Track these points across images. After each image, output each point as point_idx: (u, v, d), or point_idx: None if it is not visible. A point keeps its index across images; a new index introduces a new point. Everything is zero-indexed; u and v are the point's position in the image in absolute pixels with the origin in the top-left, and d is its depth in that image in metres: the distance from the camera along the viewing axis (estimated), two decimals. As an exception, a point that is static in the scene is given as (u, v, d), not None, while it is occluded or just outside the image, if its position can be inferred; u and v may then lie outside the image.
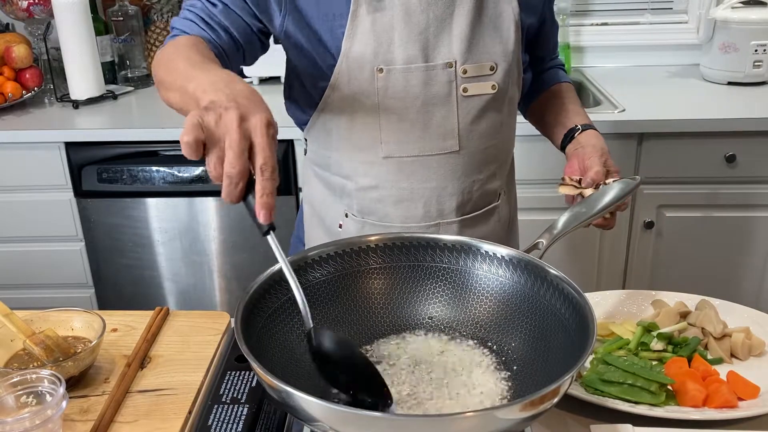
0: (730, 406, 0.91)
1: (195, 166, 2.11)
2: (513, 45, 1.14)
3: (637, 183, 1.10)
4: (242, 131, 0.73)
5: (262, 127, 0.74)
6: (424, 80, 1.11)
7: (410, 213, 1.19)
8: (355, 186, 1.19)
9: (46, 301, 1.97)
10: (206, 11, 1.09)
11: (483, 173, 1.20)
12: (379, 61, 1.10)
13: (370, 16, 1.09)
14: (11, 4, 2.32)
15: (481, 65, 1.13)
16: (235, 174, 0.73)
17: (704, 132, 2.01)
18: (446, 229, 1.20)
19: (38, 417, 0.80)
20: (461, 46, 1.11)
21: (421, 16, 1.09)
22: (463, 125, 1.14)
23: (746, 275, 2.19)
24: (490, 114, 1.16)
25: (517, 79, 1.20)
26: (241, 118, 0.74)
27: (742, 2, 2.26)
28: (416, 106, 1.12)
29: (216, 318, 1.11)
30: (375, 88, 1.11)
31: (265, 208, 0.74)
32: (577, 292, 0.84)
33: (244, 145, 0.73)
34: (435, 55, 1.11)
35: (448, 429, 0.68)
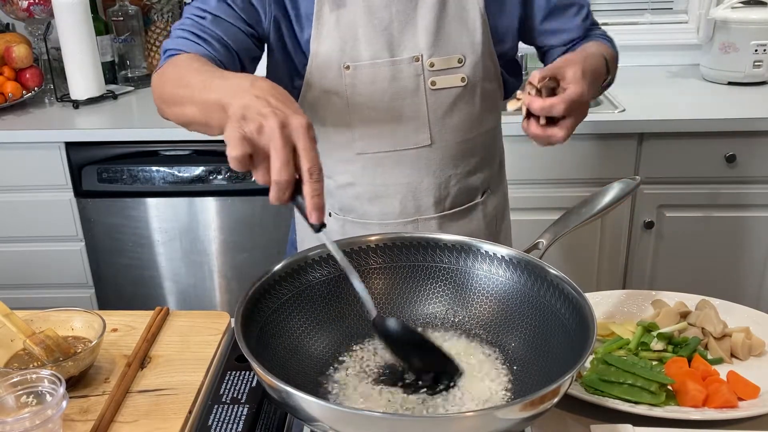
0: (730, 406, 0.91)
1: (195, 166, 2.11)
2: (480, 37, 1.14)
3: (637, 183, 1.10)
4: (285, 138, 0.74)
5: (305, 132, 0.75)
6: (391, 75, 1.12)
7: (387, 209, 1.20)
8: (334, 184, 1.21)
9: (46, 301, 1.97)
10: (196, 25, 1.08)
11: (460, 168, 1.20)
12: (345, 59, 1.11)
13: (334, 14, 1.10)
14: (11, 4, 2.32)
15: (448, 58, 1.13)
16: (283, 182, 0.74)
17: (704, 132, 2.01)
18: (425, 225, 1.20)
19: (38, 417, 0.80)
20: (427, 40, 1.11)
21: (383, 12, 1.10)
22: (433, 118, 1.15)
23: (746, 275, 2.19)
24: (462, 107, 1.16)
25: (494, 73, 1.19)
26: (282, 125, 0.74)
27: (742, 2, 2.26)
28: (385, 101, 1.13)
29: (216, 318, 1.11)
30: (344, 86, 1.12)
31: (317, 209, 0.75)
32: (577, 292, 0.84)
33: (289, 152, 0.74)
34: (401, 50, 1.12)
35: (448, 429, 0.68)
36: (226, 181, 2.12)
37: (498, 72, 1.21)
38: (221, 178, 2.12)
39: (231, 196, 2.15)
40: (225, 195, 2.15)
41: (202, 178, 2.12)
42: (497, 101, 1.24)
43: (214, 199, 2.16)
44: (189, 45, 1.06)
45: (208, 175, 2.12)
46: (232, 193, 2.14)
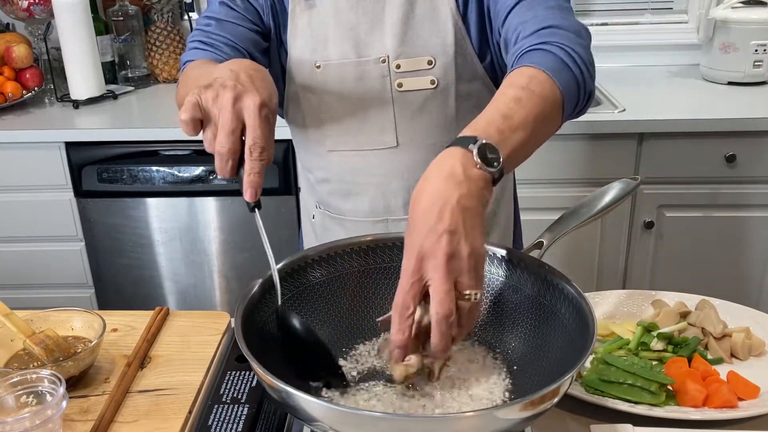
0: (730, 406, 0.91)
1: (195, 165, 2.11)
2: (452, 38, 1.10)
3: (637, 183, 1.10)
4: (235, 111, 0.76)
5: (255, 108, 0.76)
6: (358, 75, 1.12)
7: (357, 207, 1.21)
8: (313, 178, 1.25)
9: (46, 301, 1.97)
10: (204, 33, 1.12)
11: None
12: (316, 57, 1.13)
13: (305, 14, 1.12)
14: (11, 4, 2.33)
15: (416, 60, 1.11)
16: (225, 152, 0.76)
17: (704, 132, 2.01)
18: (394, 226, 1.21)
19: (38, 417, 0.80)
20: (394, 41, 1.11)
21: (350, 13, 1.11)
22: (400, 121, 1.14)
23: (746, 275, 2.19)
24: (432, 109, 1.14)
25: (473, 74, 1.13)
26: (235, 98, 0.76)
27: (742, 2, 2.26)
28: (352, 101, 1.14)
29: (216, 318, 1.11)
30: (316, 83, 1.14)
31: (252, 187, 0.77)
32: (577, 292, 0.84)
33: (236, 124, 0.76)
34: (368, 51, 1.12)
35: (448, 429, 0.68)
36: (226, 181, 2.12)
37: (483, 72, 1.15)
38: (221, 178, 2.11)
39: (231, 196, 2.15)
40: (225, 195, 2.15)
41: (202, 178, 2.12)
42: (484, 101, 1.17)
43: (214, 199, 2.16)
44: (199, 53, 1.11)
45: (208, 175, 2.12)
46: (232, 193, 2.14)
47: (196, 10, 2.59)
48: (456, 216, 0.70)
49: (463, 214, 0.71)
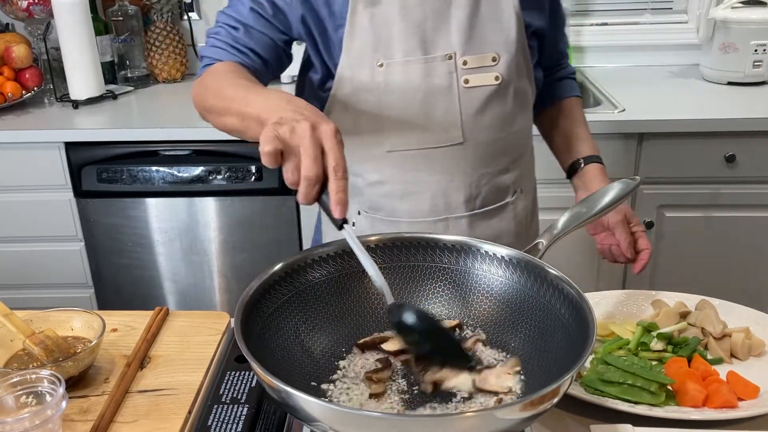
0: (730, 406, 0.91)
1: (195, 166, 2.11)
2: (515, 35, 1.14)
3: (637, 183, 1.10)
4: (314, 139, 0.79)
5: (332, 133, 0.81)
6: (424, 72, 1.12)
7: (417, 207, 1.19)
8: (363, 182, 1.21)
9: (46, 301, 1.97)
10: (231, 36, 1.13)
11: (491, 167, 1.19)
12: (378, 56, 1.11)
13: (368, 11, 1.11)
14: (11, 4, 2.32)
15: (482, 56, 1.13)
16: (312, 177, 0.79)
17: (704, 132, 2.01)
18: (455, 224, 1.20)
19: (38, 417, 0.80)
20: (460, 38, 1.12)
21: (417, 9, 1.11)
22: (466, 117, 1.14)
23: (746, 275, 2.19)
24: (495, 105, 1.16)
25: (527, 72, 1.19)
26: (312, 127, 0.80)
27: (742, 2, 2.26)
28: (417, 99, 1.13)
29: (216, 318, 1.11)
30: (376, 83, 1.12)
31: (340, 204, 0.79)
32: (577, 292, 0.84)
33: (317, 150, 0.79)
34: (434, 48, 1.12)
35: (448, 429, 0.68)
36: (226, 181, 2.12)
37: (531, 70, 1.21)
38: (221, 178, 2.12)
39: (231, 196, 2.15)
40: (225, 195, 2.15)
41: (201, 178, 2.12)
42: (529, 100, 1.24)
43: (214, 199, 2.16)
44: (225, 55, 1.12)
45: (208, 175, 2.12)
46: (232, 193, 2.14)
47: (195, 10, 2.59)
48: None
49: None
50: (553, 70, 1.35)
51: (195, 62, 2.62)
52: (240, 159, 2.09)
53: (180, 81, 2.57)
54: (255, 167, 2.10)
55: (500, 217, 1.24)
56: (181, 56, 2.54)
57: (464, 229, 1.20)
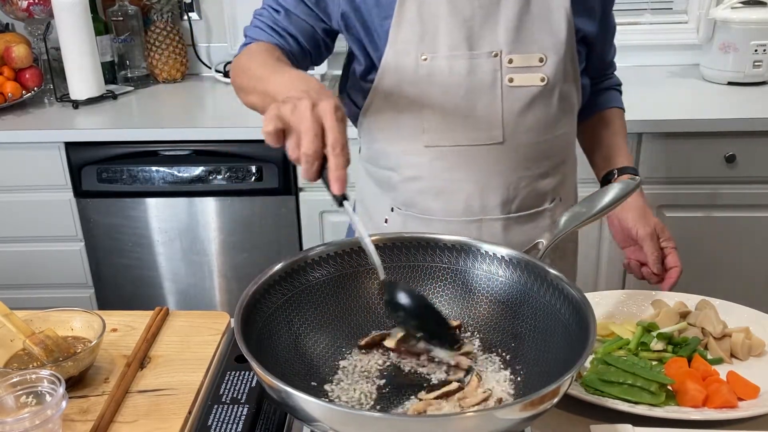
0: (730, 406, 0.91)
1: (195, 166, 2.11)
2: (564, 37, 1.12)
3: (638, 183, 1.10)
4: (314, 116, 0.81)
5: (331, 111, 0.82)
6: (469, 68, 1.11)
7: (451, 206, 1.18)
8: (399, 177, 1.20)
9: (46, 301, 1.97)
10: (272, 18, 1.15)
11: (531, 170, 1.17)
12: (424, 48, 1.10)
13: (417, 2, 1.10)
14: (11, 4, 2.32)
15: (529, 56, 1.11)
16: (311, 153, 0.80)
17: (704, 132, 2.01)
18: (489, 226, 1.18)
19: (38, 417, 0.80)
20: (507, 36, 1.10)
21: (466, 5, 1.10)
22: (508, 116, 1.13)
23: (746, 275, 2.19)
24: (539, 107, 1.14)
25: (573, 77, 1.18)
26: (312, 105, 0.82)
27: (742, 2, 2.26)
28: (459, 95, 1.11)
29: (216, 318, 1.11)
30: (419, 76, 1.11)
31: (338, 181, 0.80)
32: (577, 292, 0.84)
33: (317, 128, 0.81)
34: (480, 44, 1.10)
35: (448, 429, 0.68)
36: (226, 181, 2.12)
37: (578, 75, 1.19)
38: (221, 178, 2.12)
39: (231, 196, 2.15)
40: (225, 195, 2.15)
41: (201, 178, 2.12)
42: (574, 105, 1.22)
43: (214, 199, 2.16)
44: (264, 36, 1.15)
45: (208, 175, 2.12)
46: (232, 193, 2.14)
47: (195, 10, 2.59)
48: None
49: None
50: (599, 80, 1.33)
51: (195, 62, 2.62)
52: (240, 159, 2.09)
53: (180, 81, 2.57)
54: (255, 167, 2.10)
55: (536, 224, 1.21)
56: (181, 56, 2.54)
57: (498, 233, 1.18)
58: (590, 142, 1.33)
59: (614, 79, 1.37)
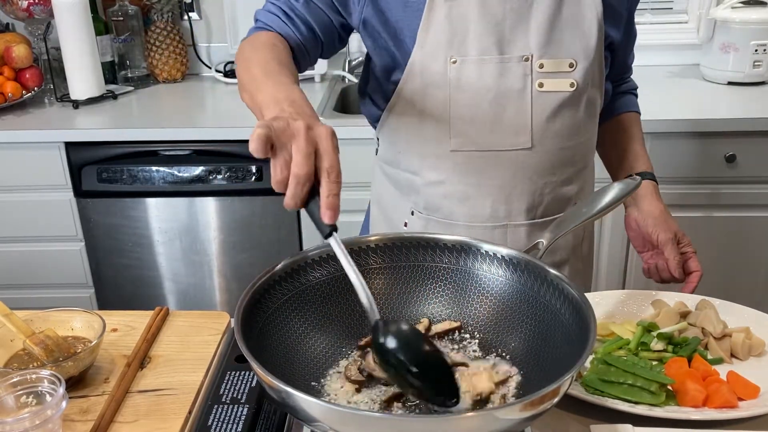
0: (730, 406, 0.91)
1: (195, 166, 2.11)
2: (595, 43, 1.11)
3: (638, 183, 1.10)
4: (309, 137, 0.76)
5: (328, 135, 0.77)
6: (498, 72, 1.09)
7: (476, 212, 1.17)
8: (422, 181, 1.19)
9: (46, 301, 1.97)
10: (288, 4, 1.11)
11: (557, 176, 1.17)
12: (453, 51, 1.09)
13: (447, 4, 1.08)
14: (11, 4, 2.32)
15: (559, 61, 1.10)
16: (302, 175, 0.75)
17: (704, 132, 2.01)
18: (514, 232, 1.17)
19: (38, 417, 0.80)
20: (539, 40, 1.09)
21: (497, 8, 1.08)
22: (537, 121, 1.12)
23: (746, 275, 2.19)
24: (567, 113, 1.13)
25: (599, 82, 1.17)
26: (307, 127, 0.77)
27: (742, 2, 2.26)
28: (488, 99, 1.10)
29: (216, 318, 1.11)
30: (447, 79, 1.10)
31: (331, 209, 0.75)
32: (577, 292, 0.84)
33: (311, 149, 0.76)
34: (511, 48, 1.09)
35: (448, 429, 0.68)
36: (226, 181, 2.12)
37: (603, 81, 1.18)
38: (221, 178, 2.12)
39: (231, 196, 2.15)
40: (225, 195, 2.15)
41: (201, 178, 2.12)
42: (598, 110, 1.21)
43: (214, 199, 2.16)
44: (278, 23, 1.11)
45: (208, 175, 2.12)
46: (232, 193, 2.14)
47: (195, 10, 2.59)
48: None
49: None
50: (617, 84, 1.33)
51: (195, 62, 2.62)
52: (240, 159, 2.09)
53: (180, 81, 2.57)
54: (255, 167, 2.10)
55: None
56: (182, 56, 2.54)
57: (522, 238, 1.17)
58: (608, 147, 1.33)
59: (631, 82, 1.38)
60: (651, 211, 1.22)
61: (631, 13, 1.23)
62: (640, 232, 1.24)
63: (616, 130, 1.32)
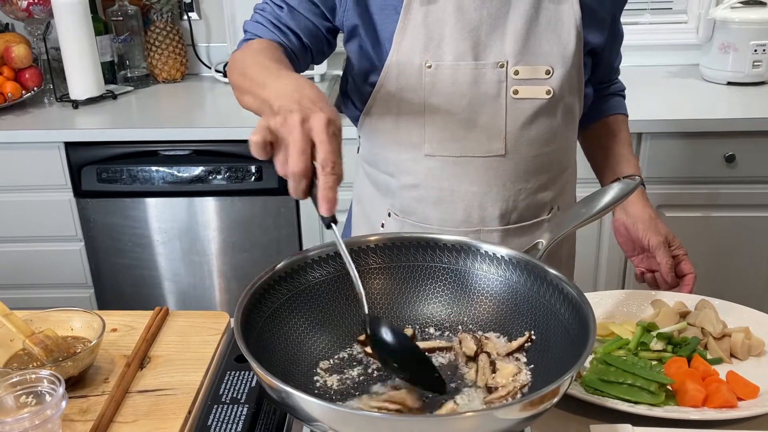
0: (729, 406, 0.91)
1: (195, 166, 2.11)
2: (573, 49, 1.10)
3: (637, 183, 1.10)
4: (304, 131, 0.77)
5: (322, 126, 0.77)
6: (473, 79, 1.09)
7: (449, 216, 1.16)
8: (398, 184, 1.19)
9: (46, 301, 1.97)
10: (274, 14, 1.12)
11: (531, 182, 1.16)
12: (428, 57, 1.08)
13: (423, 9, 1.08)
14: (11, 4, 2.32)
15: (535, 68, 1.09)
16: (297, 172, 0.76)
17: (704, 132, 2.01)
18: (487, 237, 1.16)
19: (38, 417, 0.80)
20: (514, 46, 1.08)
21: (474, 14, 1.07)
22: (511, 129, 1.11)
23: (746, 275, 2.19)
24: (543, 120, 1.12)
25: (578, 88, 1.16)
26: (303, 119, 0.77)
27: (741, 2, 2.26)
28: (462, 105, 1.10)
29: (216, 318, 1.11)
30: (422, 84, 1.09)
31: (327, 201, 0.76)
32: (577, 292, 0.84)
33: (306, 144, 0.77)
34: (486, 54, 1.08)
35: (448, 429, 0.68)
36: (226, 181, 2.12)
37: (582, 86, 1.17)
38: (221, 178, 2.12)
39: (231, 196, 2.15)
40: (225, 195, 2.15)
41: (201, 178, 2.12)
42: (576, 117, 1.20)
43: (214, 199, 2.16)
44: (265, 32, 1.11)
45: (208, 175, 2.12)
46: (232, 193, 2.14)
47: (195, 10, 2.59)
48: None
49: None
50: (604, 86, 1.32)
51: (195, 62, 2.62)
52: (240, 159, 2.09)
53: (180, 81, 2.57)
54: (255, 167, 2.10)
55: (534, 235, 1.17)
56: (181, 56, 2.54)
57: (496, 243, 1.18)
58: (595, 151, 1.32)
59: (618, 84, 1.36)
60: (640, 216, 1.21)
61: (616, 16, 1.22)
62: (630, 237, 1.23)
63: (602, 133, 1.31)
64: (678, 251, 1.21)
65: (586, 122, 1.29)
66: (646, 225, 1.20)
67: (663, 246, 1.19)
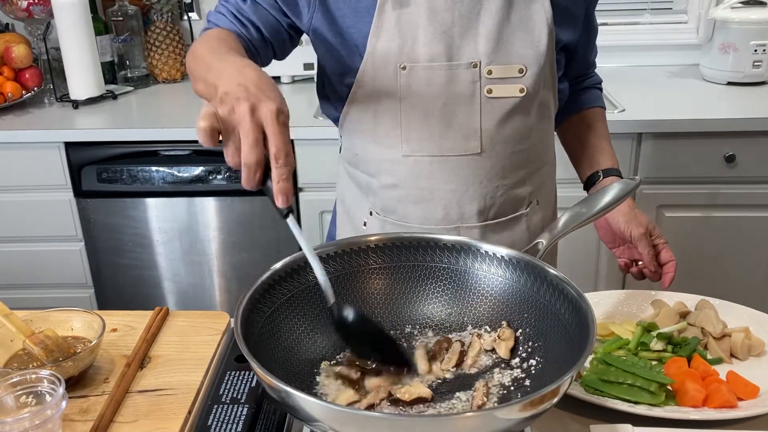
0: (729, 406, 0.91)
1: (194, 166, 2.11)
2: (545, 47, 1.11)
3: (637, 183, 1.10)
4: (254, 121, 0.76)
5: (273, 116, 0.77)
6: (447, 79, 1.09)
7: (429, 214, 1.17)
8: (378, 184, 1.19)
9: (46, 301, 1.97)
10: (236, 6, 1.12)
11: (508, 179, 1.17)
12: (402, 59, 1.09)
13: (396, 12, 1.08)
14: (11, 4, 2.32)
15: (508, 67, 1.10)
16: (252, 163, 0.76)
17: (704, 132, 2.01)
18: (467, 233, 1.17)
19: (38, 417, 0.80)
20: (487, 46, 1.09)
21: (446, 14, 1.08)
22: (486, 127, 1.12)
23: (746, 275, 2.19)
24: (517, 118, 1.13)
25: (552, 85, 1.17)
26: (252, 108, 0.77)
27: (741, 2, 2.26)
28: (438, 106, 1.11)
29: (216, 318, 1.11)
30: (398, 86, 1.10)
31: (282, 193, 0.77)
32: (577, 292, 0.84)
33: (258, 134, 0.77)
34: (459, 55, 1.09)
35: (448, 429, 0.68)
36: (226, 181, 2.12)
37: (555, 84, 1.18)
38: (221, 178, 2.12)
39: (230, 196, 2.15)
40: (224, 195, 2.15)
41: (201, 178, 2.12)
42: (551, 113, 1.22)
43: (214, 199, 2.16)
44: (226, 23, 1.11)
45: (208, 175, 2.12)
46: (232, 193, 2.14)
47: (195, 10, 2.59)
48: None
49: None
50: (580, 80, 1.33)
51: (195, 62, 2.62)
52: (240, 159, 2.09)
53: (180, 81, 2.57)
54: (255, 167, 2.09)
55: (513, 230, 1.21)
56: (181, 56, 2.54)
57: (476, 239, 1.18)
58: (573, 144, 1.33)
59: (595, 77, 1.37)
60: (621, 208, 1.20)
61: (590, 12, 1.23)
62: (611, 229, 1.23)
63: (579, 126, 1.32)
64: (658, 240, 1.21)
65: (564, 116, 1.31)
66: (627, 217, 1.20)
67: (645, 237, 1.19)
